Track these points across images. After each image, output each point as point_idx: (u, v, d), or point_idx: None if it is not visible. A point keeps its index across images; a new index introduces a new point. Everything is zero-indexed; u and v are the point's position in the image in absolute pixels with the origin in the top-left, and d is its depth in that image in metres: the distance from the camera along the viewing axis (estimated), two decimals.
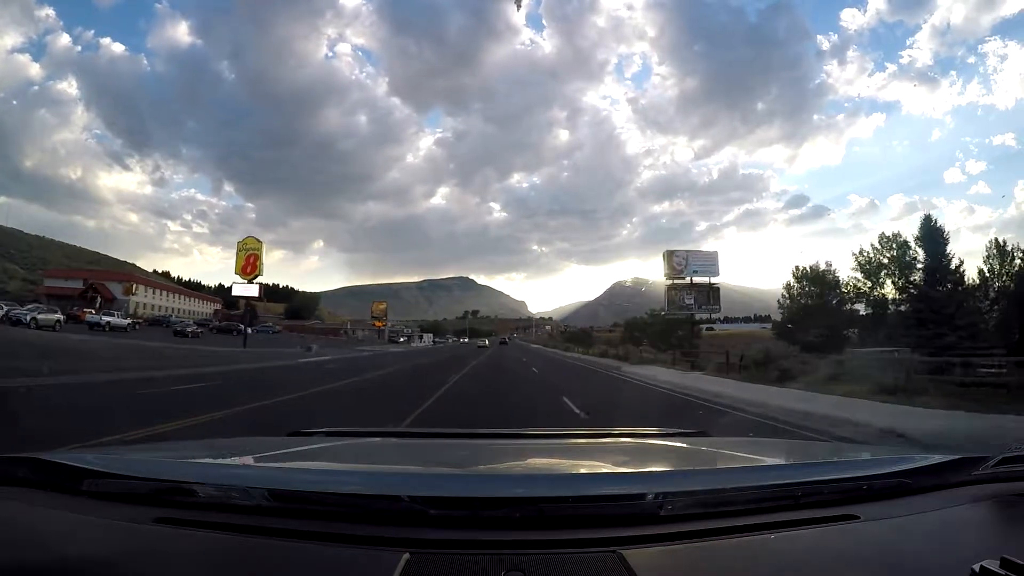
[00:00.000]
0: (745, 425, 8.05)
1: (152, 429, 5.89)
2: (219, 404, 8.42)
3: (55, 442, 4.30)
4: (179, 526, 0.88)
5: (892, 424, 6.76)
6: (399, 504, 0.89)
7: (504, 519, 0.88)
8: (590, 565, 0.77)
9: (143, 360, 16.19)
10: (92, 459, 1.11)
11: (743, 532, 0.88)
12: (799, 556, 0.84)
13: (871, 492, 1.02)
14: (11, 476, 1.04)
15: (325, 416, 7.87)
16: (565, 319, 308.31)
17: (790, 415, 8.35)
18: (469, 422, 7.32)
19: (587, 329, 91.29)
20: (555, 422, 7.30)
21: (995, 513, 0.99)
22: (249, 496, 0.93)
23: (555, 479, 1.19)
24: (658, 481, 1.06)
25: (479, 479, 1.20)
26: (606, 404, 10.86)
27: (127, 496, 0.97)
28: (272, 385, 12.77)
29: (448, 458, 1.55)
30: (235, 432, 6.35)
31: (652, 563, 0.78)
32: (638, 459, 1.56)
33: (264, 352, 26.98)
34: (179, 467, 1.18)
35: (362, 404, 10.29)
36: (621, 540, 0.83)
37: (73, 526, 0.89)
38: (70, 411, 7.61)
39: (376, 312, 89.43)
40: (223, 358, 20.31)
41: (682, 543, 0.84)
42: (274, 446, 1.57)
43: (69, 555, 0.82)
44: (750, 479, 1.09)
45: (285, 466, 1.32)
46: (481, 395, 11.72)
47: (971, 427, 6.88)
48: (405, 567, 0.75)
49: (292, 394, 10.80)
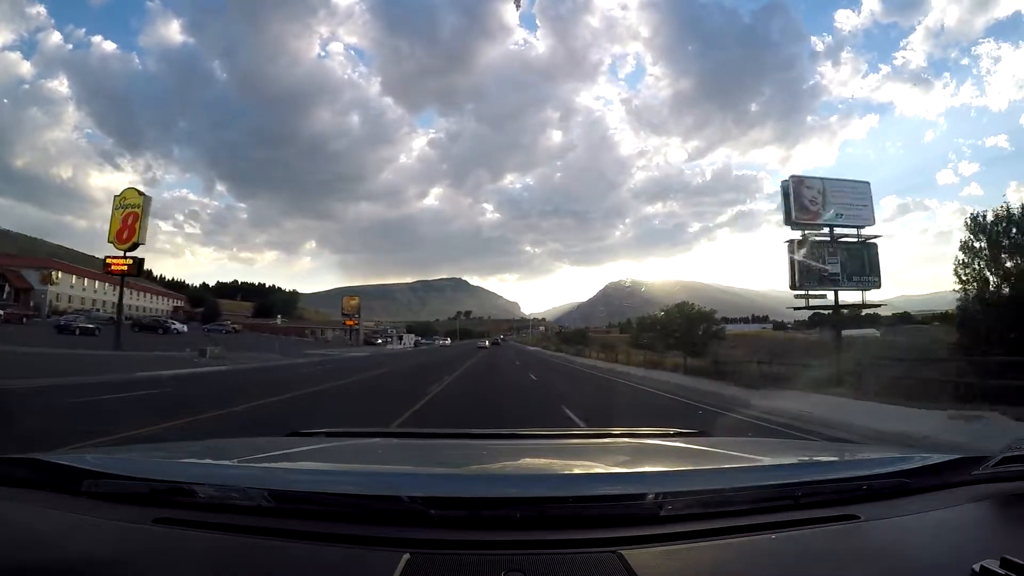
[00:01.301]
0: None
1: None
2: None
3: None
4: (178, 526, 0.87)
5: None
6: (399, 504, 0.88)
7: (504, 519, 0.87)
8: (590, 565, 0.76)
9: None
10: (91, 460, 1.10)
11: (743, 532, 0.87)
12: (799, 556, 0.84)
13: (871, 492, 1.01)
14: (11, 476, 1.03)
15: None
16: (558, 320, 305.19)
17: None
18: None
19: (582, 329, 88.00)
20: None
21: (995, 513, 0.98)
22: (248, 496, 0.93)
23: (555, 479, 1.18)
24: (658, 481, 1.05)
25: (479, 479, 1.18)
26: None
27: (126, 496, 0.96)
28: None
29: (448, 458, 1.53)
30: None
31: (652, 563, 0.78)
32: (638, 459, 1.54)
33: (143, 357, 20.35)
34: (178, 467, 1.17)
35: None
36: (621, 540, 0.82)
37: (73, 526, 0.89)
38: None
39: (347, 308, 73.36)
40: (67, 367, 14.56)
41: (682, 543, 0.84)
42: (273, 446, 1.52)
43: (69, 555, 0.81)
44: (750, 479, 1.08)
45: (285, 466, 1.29)
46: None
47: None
48: (405, 567, 0.75)
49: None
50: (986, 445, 4.31)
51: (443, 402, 11.29)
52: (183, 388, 12.58)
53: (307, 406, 10.59)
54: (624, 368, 25.14)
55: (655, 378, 17.82)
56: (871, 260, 16.57)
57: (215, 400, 10.52)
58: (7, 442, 5.54)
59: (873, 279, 16.51)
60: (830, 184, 17.06)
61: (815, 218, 16.75)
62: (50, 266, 56.65)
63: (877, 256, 16.65)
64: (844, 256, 16.52)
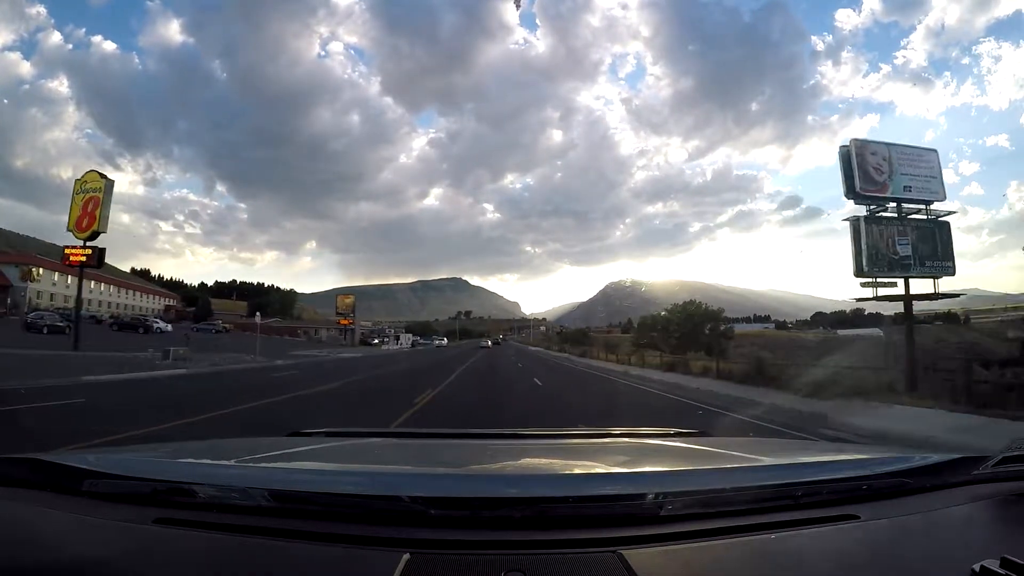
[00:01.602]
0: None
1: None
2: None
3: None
4: (179, 526, 0.87)
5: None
6: (399, 504, 0.88)
7: (504, 519, 0.87)
8: (590, 565, 0.76)
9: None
10: (92, 459, 1.10)
11: (743, 532, 0.87)
12: (799, 556, 0.84)
13: (871, 492, 1.01)
14: (11, 476, 1.03)
15: None
16: (559, 320, 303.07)
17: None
18: None
19: (584, 329, 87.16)
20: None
21: (995, 513, 0.98)
22: (249, 496, 0.93)
23: (555, 479, 1.18)
24: (658, 481, 1.05)
25: (479, 479, 1.18)
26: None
27: (127, 496, 0.96)
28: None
29: (448, 458, 1.53)
30: None
31: (652, 563, 0.78)
32: (638, 459, 1.54)
33: (99, 359, 17.94)
34: (179, 468, 1.17)
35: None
36: (621, 540, 0.82)
37: (73, 526, 0.89)
38: None
39: (342, 307, 72.17)
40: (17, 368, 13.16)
41: (682, 543, 0.84)
42: (274, 446, 1.51)
43: (69, 555, 0.81)
44: (750, 479, 1.08)
45: (285, 466, 1.29)
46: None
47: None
48: (405, 567, 0.75)
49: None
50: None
51: (432, 410, 9.52)
52: (100, 398, 9.90)
53: (225, 429, 7.38)
54: (640, 371, 21.71)
55: (687, 385, 14.68)
56: (943, 241, 13.54)
57: (109, 419, 7.56)
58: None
59: (947, 264, 13.47)
60: (896, 151, 13.64)
61: (882, 190, 13.42)
62: (30, 262, 52.95)
63: (950, 237, 13.67)
64: (915, 237, 13.36)
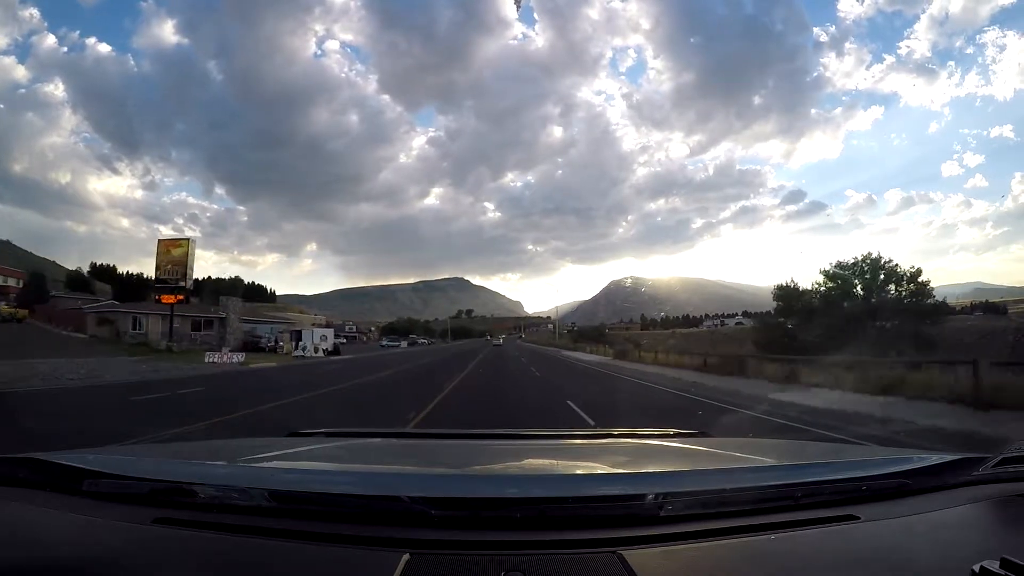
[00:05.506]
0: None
1: None
2: None
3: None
4: (179, 527, 0.87)
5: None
6: (399, 504, 0.89)
7: (504, 520, 0.87)
8: (590, 566, 0.77)
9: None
10: (92, 459, 1.10)
11: (743, 533, 0.87)
12: (799, 557, 0.84)
13: (871, 492, 1.01)
14: (11, 476, 1.03)
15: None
16: (562, 318, 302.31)
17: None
18: None
19: (599, 327, 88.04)
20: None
21: (995, 513, 0.98)
22: (249, 496, 0.93)
23: (555, 479, 1.18)
24: (658, 482, 1.04)
25: (479, 480, 1.18)
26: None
27: (127, 496, 0.97)
28: None
29: (448, 459, 1.53)
30: None
31: (652, 564, 0.78)
32: (638, 460, 1.54)
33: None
34: (179, 467, 1.17)
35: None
36: (621, 541, 0.82)
37: (73, 526, 0.89)
38: None
39: (164, 260, 31.28)
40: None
41: (682, 544, 0.84)
42: (274, 447, 1.52)
43: (69, 555, 0.82)
44: (750, 479, 1.08)
45: (285, 466, 1.29)
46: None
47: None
48: (405, 567, 0.75)
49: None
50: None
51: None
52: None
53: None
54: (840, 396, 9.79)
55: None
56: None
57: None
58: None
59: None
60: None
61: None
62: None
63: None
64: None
